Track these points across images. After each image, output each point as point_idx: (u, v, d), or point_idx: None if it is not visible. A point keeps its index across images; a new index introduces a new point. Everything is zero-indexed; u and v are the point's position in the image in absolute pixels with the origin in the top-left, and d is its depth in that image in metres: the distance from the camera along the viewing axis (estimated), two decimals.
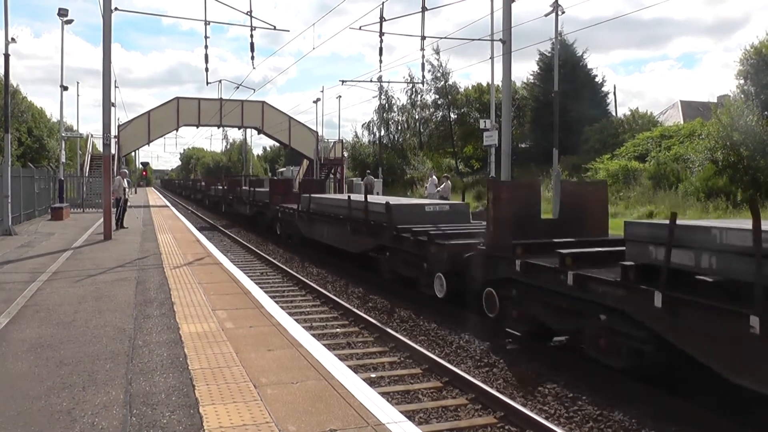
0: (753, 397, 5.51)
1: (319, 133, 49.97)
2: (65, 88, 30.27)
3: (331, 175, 50.44)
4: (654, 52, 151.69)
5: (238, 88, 32.03)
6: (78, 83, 44.70)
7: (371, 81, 37.94)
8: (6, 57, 17.56)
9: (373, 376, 7.21)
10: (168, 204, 39.29)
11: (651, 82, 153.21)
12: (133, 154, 59.14)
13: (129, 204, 24.23)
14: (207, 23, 18.37)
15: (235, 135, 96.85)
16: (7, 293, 8.80)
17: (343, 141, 56.31)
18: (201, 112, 46.48)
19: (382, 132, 55.48)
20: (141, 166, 71.77)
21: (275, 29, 19.78)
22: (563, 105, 34.06)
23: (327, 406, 4.59)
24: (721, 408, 5.96)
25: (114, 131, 37.81)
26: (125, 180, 20.14)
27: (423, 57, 19.81)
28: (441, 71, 58.16)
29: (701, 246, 5.58)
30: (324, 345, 6.53)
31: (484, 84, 57.79)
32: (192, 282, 9.80)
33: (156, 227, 20.00)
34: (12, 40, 17.95)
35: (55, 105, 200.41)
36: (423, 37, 19.03)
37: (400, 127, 60.66)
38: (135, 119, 46.83)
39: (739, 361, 5.19)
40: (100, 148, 22.29)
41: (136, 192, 32.30)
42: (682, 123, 41.09)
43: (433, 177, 26.43)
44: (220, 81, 42.44)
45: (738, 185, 25.47)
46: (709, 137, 28.26)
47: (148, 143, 47.73)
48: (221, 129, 64.76)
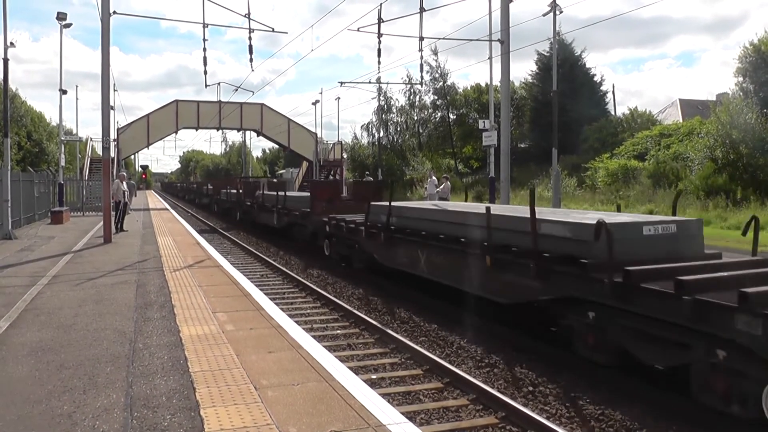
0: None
1: (319, 135, 50.05)
2: (64, 91, 30.27)
3: (331, 177, 50.48)
4: (652, 50, 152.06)
5: (236, 90, 32.09)
6: (77, 87, 44.90)
7: (370, 82, 38.06)
8: (5, 61, 17.57)
9: (374, 377, 7.21)
10: (168, 207, 39.30)
11: (650, 80, 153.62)
12: (133, 157, 59.19)
13: (130, 207, 24.24)
14: (205, 26, 18.43)
15: (235, 137, 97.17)
16: (8, 297, 8.80)
17: (343, 142, 56.39)
18: (200, 114, 46.53)
19: (381, 133, 55.46)
20: (140, 169, 71.73)
21: (274, 31, 19.82)
22: (562, 104, 34.13)
23: (328, 407, 4.59)
24: (721, 410, 5.95)
25: (113, 134, 37.83)
26: (124, 183, 20.11)
27: (421, 58, 19.88)
28: (439, 72, 58.17)
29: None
30: (324, 347, 6.53)
31: (482, 84, 57.88)
32: (192, 285, 9.80)
33: (156, 230, 20.00)
34: (11, 44, 17.94)
35: (55, 109, 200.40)
36: (421, 38, 19.07)
37: (399, 128, 60.59)
38: (134, 122, 46.87)
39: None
40: (99, 151, 22.30)
41: (135, 195, 31.99)
42: (681, 121, 41.12)
43: (433, 178, 26.40)
44: (218, 83, 42.58)
45: (737, 183, 25.48)
46: (709, 135, 28.27)
47: (147, 146, 47.78)
48: (220, 131, 64.87)
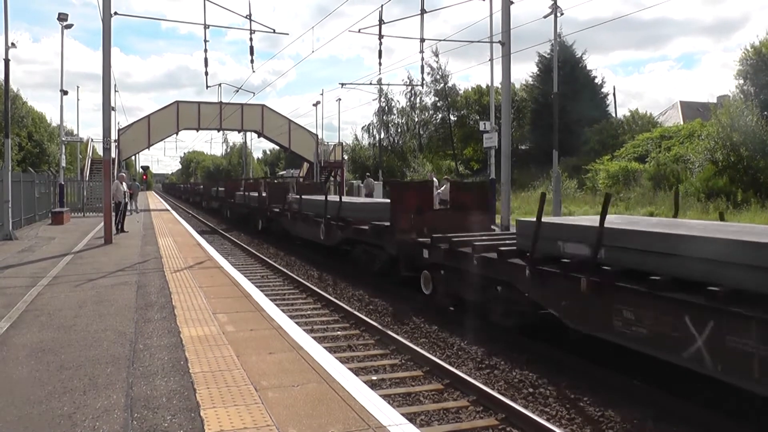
0: (753, 397, 5.51)
1: (319, 136, 50.03)
2: (65, 92, 30.32)
3: (332, 178, 50.46)
4: (653, 52, 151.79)
5: (237, 91, 32.02)
6: (78, 87, 44.84)
7: (371, 84, 38.04)
8: (6, 62, 17.59)
9: (375, 378, 7.21)
10: (169, 208, 39.30)
11: (650, 82, 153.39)
12: (133, 158, 59.21)
13: (129, 208, 24.22)
14: (206, 27, 18.41)
15: (235, 138, 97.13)
16: (8, 298, 8.80)
17: (343, 144, 56.35)
18: (201, 115, 46.53)
19: (381, 134, 55.49)
20: (141, 170, 71.80)
21: (275, 32, 19.82)
22: (563, 106, 34.12)
23: (328, 408, 4.59)
24: (722, 408, 5.95)
25: (114, 135, 37.87)
26: (124, 184, 20.11)
27: (422, 59, 19.83)
28: (440, 73, 58.23)
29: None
30: (325, 348, 6.52)
31: (483, 86, 57.87)
32: (193, 286, 9.80)
33: (156, 231, 20.01)
34: (12, 45, 17.96)
35: (55, 110, 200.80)
36: (422, 40, 19.05)
37: (399, 130, 60.65)
38: (135, 123, 46.88)
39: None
40: (100, 152, 22.31)
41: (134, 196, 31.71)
42: (681, 124, 41.13)
43: (434, 179, 26.42)
44: (219, 84, 42.61)
45: (738, 185, 25.49)
46: (709, 138, 28.29)
47: (148, 147, 47.77)
48: (221, 132, 64.88)
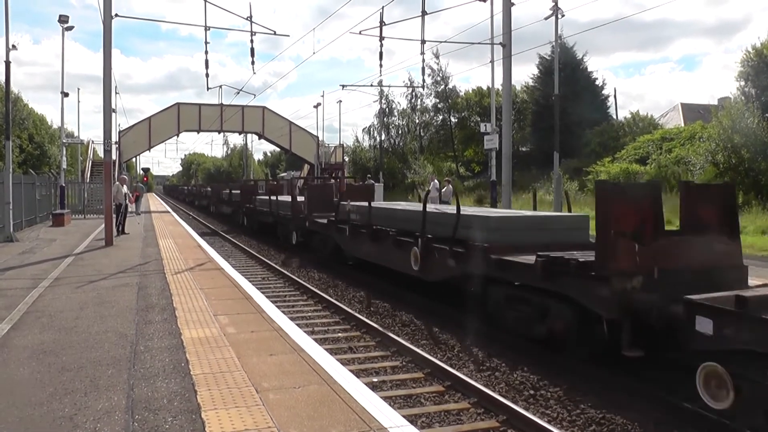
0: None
1: (320, 138, 50.09)
2: (66, 94, 30.35)
3: (332, 180, 50.43)
4: (654, 54, 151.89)
5: (238, 93, 32.12)
6: (78, 89, 44.85)
7: (372, 85, 38.18)
8: (7, 64, 17.61)
9: (375, 380, 7.20)
10: (169, 210, 39.31)
11: (651, 84, 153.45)
12: (134, 159, 59.29)
13: (135, 210, 24.20)
14: (207, 29, 18.44)
15: (236, 140, 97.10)
16: (9, 299, 8.81)
17: (344, 145, 56.42)
18: (201, 117, 46.59)
19: (382, 136, 55.50)
20: (142, 171, 71.78)
21: (275, 34, 19.86)
22: (563, 108, 34.12)
23: (329, 410, 4.59)
24: (721, 411, 5.94)
25: (115, 137, 37.88)
26: (125, 186, 20.12)
27: (423, 61, 19.87)
28: (441, 75, 58.31)
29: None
30: (326, 349, 6.52)
31: (484, 87, 57.92)
32: (193, 287, 9.80)
33: (157, 233, 20.01)
34: (13, 47, 17.98)
35: (56, 111, 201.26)
36: (423, 41, 19.08)
37: (400, 131, 60.69)
38: (136, 125, 46.95)
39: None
40: (101, 154, 22.33)
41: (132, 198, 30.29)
42: (682, 125, 41.15)
43: (435, 181, 26.43)
44: (220, 86, 42.60)
45: (739, 188, 25.45)
46: (710, 140, 28.28)
47: (148, 149, 47.87)
48: (222, 134, 64.96)
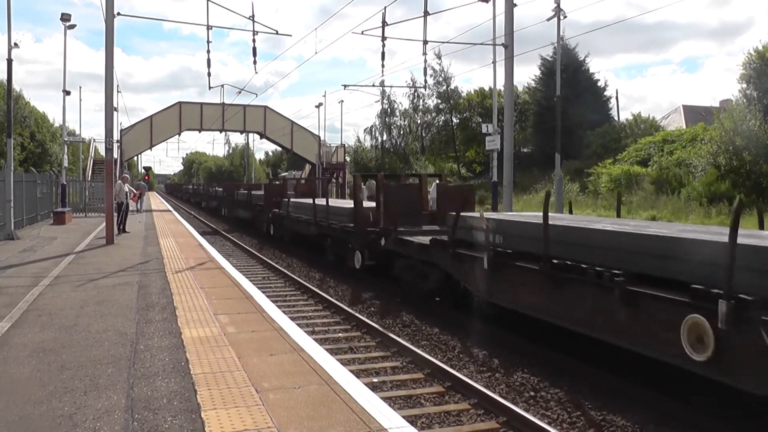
0: (753, 401, 5.49)
1: (322, 138, 50.07)
2: (68, 92, 30.34)
3: (333, 180, 50.49)
4: (656, 56, 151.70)
5: (240, 92, 32.04)
6: (80, 88, 44.95)
7: (373, 86, 38.19)
8: (9, 62, 17.60)
9: (376, 380, 7.20)
10: (171, 209, 39.29)
11: (653, 86, 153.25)
12: (136, 158, 59.33)
13: (136, 208, 24.06)
14: (209, 28, 18.42)
15: (238, 139, 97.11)
16: (10, 297, 8.80)
17: (346, 145, 56.41)
18: (203, 116, 46.60)
19: (384, 136, 55.51)
20: (143, 170, 71.82)
21: (278, 33, 19.84)
22: (565, 109, 34.10)
23: (329, 411, 4.58)
24: (722, 412, 5.93)
25: (116, 136, 37.86)
26: (126, 184, 20.10)
27: (425, 61, 19.78)
28: (443, 76, 58.22)
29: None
30: (326, 350, 6.51)
31: (486, 88, 57.87)
32: (194, 286, 9.80)
33: (158, 232, 20.01)
34: (15, 45, 17.97)
35: (57, 110, 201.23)
36: (425, 42, 19.05)
37: (402, 132, 60.67)
38: (137, 124, 46.97)
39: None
40: (102, 152, 22.33)
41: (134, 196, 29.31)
42: (684, 127, 41.10)
43: (436, 181, 26.45)
44: (222, 85, 42.73)
45: (741, 190, 25.44)
46: (712, 142, 28.26)
47: (150, 148, 47.88)
48: (223, 133, 64.96)
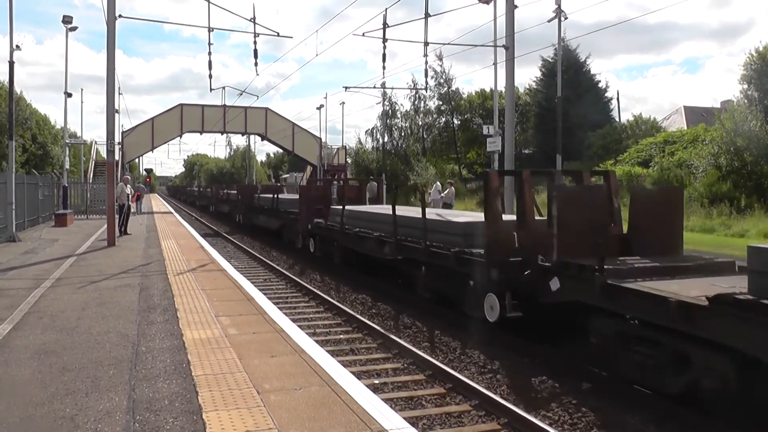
0: (753, 403, 5.49)
1: (323, 140, 50.08)
2: (69, 94, 30.41)
3: (335, 182, 50.44)
4: (657, 57, 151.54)
5: (241, 94, 32.17)
6: (82, 90, 45.03)
7: (374, 87, 38.14)
8: (11, 64, 17.64)
9: (377, 382, 7.20)
10: (172, 210, 39.30)
11: (654, 87, 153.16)
12: (137, 160, 59.40)
13: (135, 210, 23.96)
14: (210, 30, 18.43)
15: (239, 141, 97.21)
16: (11, 299, 8.81)
17: (347, 147, 56.43)
18: (204, 118, 46.65)
19: (385, 138, 55.45)
20: (145, 172, 71.92)
21: (279, 35, 19.87)
22: (566, 110, 34.11)
23: (330, 412, 4.58)
24: (723, 414, 5.92)
25: (118, 138, 37.91)
26: (128, 186, 20.13)
27: (426, 63, 19.77)
28: (444, 77, 58.21)
29: None
30: (327, 351, 6.52)
31: (487, 90, 57.86)
32: (195, 288, 9.81)
33: (159, 234, 20.02)
34: (17, 47, 18.01)
35: (58, 112, 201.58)
36: (426, 43, 19.06)
37: (403, 133, 60.62)
38: (138, 126, 47.06)
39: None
40: (103, 154, 22.38)
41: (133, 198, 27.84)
42: (685, 128, 41.05)
43: (437, 183, 26.54)
44: (223, 87, 42.77)
45: (742, 191, 25.42)
46: (713, 143, 28.23)
47: (151, 150, 47.98)
48: (225, 135, 65.01)
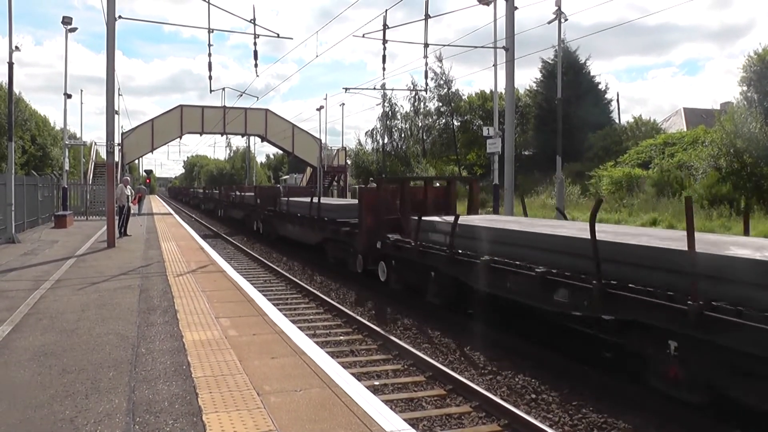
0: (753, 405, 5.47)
1: (323, 141, 50.11)
2: (69, 96, 30.36)
3: (335, 183, 50.55)
4: (657, 58, 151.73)
5: (241, 95, 32.17)
6: (81, 91, 45.00)
7: (374, 88, 38.17)
8: (10, 65, 17.62)
9: (377, 383, 7.19)
10: (171, 211, 39.27)
11: (654, 89, 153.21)
12: (137, 161, 59.39)
13: (133, 211, 23.82)
14: (210, 31, 18.43)
15: (239, 142, 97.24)
16: (11, 301, 8.80)
17: (347, 148, 56.47)
18: (204, 119, 46.66)
19: (385, 139, 55.52)
20: (145, 173, 71.88)
21: (279, 37, 19.85)
22: (566, 112, 34.11)
23: (331, 414, 4.57)
24: (723, 415, 5.92)
25: (117, 139, 37.92)
26: (128, 187, 20.11)
27: (426, 64, 19.78)
28: (444, 79, 58.30)
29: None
30: (327, 353, 6.51)
31: (487, 91, 57.95)
32: (195, 290, 9.79)
33: (159, 235, 20.01)
34: (16, 48, 17.99)
35: (57, 113, 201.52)
36: (426, 45, 19.08)
37: (403, 135, 60.74)
38: (138, 127, 47.05)
39: None
40: (103, 155, 22.34)
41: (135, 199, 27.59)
42: (685, 130, 41.08)
43: (436, 185, 26.51)
44: (223, 88, 42.69)
45: (741, 192, 25.43)
46: (713, 144, 28.26)
47: (151, 151, 47.96)
48: (225, 136, 65.01)
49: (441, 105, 59.78)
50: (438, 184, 15.67)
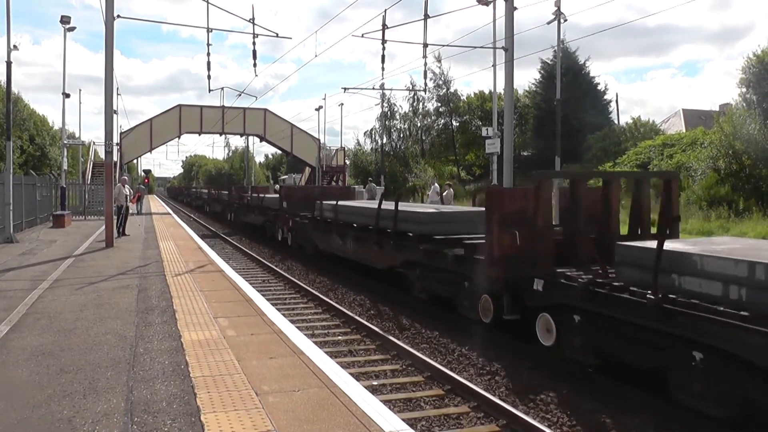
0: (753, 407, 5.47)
1: (321, 141, 50.11)
2: (67, 95, 30.33)
3: (333, 183, 50.54)
4: (656, 60, 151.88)
5: (240, 95, 32.16)
6: (80, 91, 44.98)
7: (373, 89, 38.20)
8: (8, 64, 17.60)
9: (375, 383, 7.18)
10: (170, 211, 39.21)
11: (653, 90, 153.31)
12: (135, 161, 59.31)
13: (132, 211, 23.79)
14: (209, 30, 18.41)
15: (238, 142, 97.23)
16: (9, 301, 8.78)
17: (345, 148, 56.47)
18: (203, 119, 46.62)
19: (384, 139, 55.53)
20: (143, 173, 71.77)
21: (278, 36, 19.86)
22: (565, 113, 34.07)
23: (329, 414, 4.56)
24: (722, 415, 5.91)
25: (116, 138, 37.88)
26: (126, 187, 20.09)
27: (425, 64, 19.75)
28: (443, 79, 58.34)
29: None
30: (326, 353, 6.50)
31: (485, 92, 57.97)
32: (194, 289, 9.78)
33: (158, 235, 19.99)
34: (14, 47, 17.97)
35: (55, 112, 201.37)
36: (425, 45, 19.05)
37: (402, 135, 60.77)
38: (137, 127, 47.01)
39: None
40: (102, 155, 22.31)
41: (134, 199, 26.71)
42: (684, 131, 41.12)
43: (435, 185, 26.54)
44: (221, 88, 42.67)
45: (740, 194, 25.46)
46: (712, 146, 28.27)
47: (150, 151, 47.89)
48: (223, 136, 64.96)
49: (440, 105, 59.84)
50: (598, 182, 10.79)
